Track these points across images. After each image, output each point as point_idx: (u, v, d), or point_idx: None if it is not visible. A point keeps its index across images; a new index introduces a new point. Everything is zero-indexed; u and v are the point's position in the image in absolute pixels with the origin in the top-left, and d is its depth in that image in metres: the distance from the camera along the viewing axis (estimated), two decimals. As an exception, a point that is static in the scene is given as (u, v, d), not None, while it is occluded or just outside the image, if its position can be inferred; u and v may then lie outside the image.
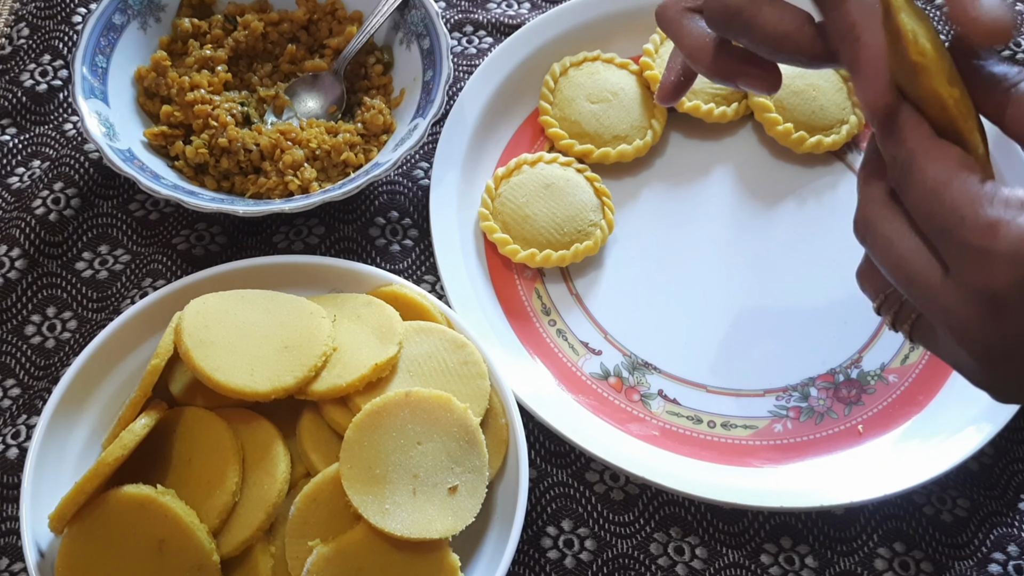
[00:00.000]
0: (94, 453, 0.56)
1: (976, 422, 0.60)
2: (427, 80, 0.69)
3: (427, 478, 0.51)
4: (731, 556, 0.58)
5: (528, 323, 0.66)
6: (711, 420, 0.63)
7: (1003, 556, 0.58)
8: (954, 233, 0.37)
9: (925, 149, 0.38)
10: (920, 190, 0.38)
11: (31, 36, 0.76)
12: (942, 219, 0.37)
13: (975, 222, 0.36)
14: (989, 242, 0.36)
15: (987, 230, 0.36)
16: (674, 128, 0.74)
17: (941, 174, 0.37)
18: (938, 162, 0.38)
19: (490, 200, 0.68)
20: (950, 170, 0.38)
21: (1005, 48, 0.78)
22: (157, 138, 0.68)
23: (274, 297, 0.57)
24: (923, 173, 0.38)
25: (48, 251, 0.67)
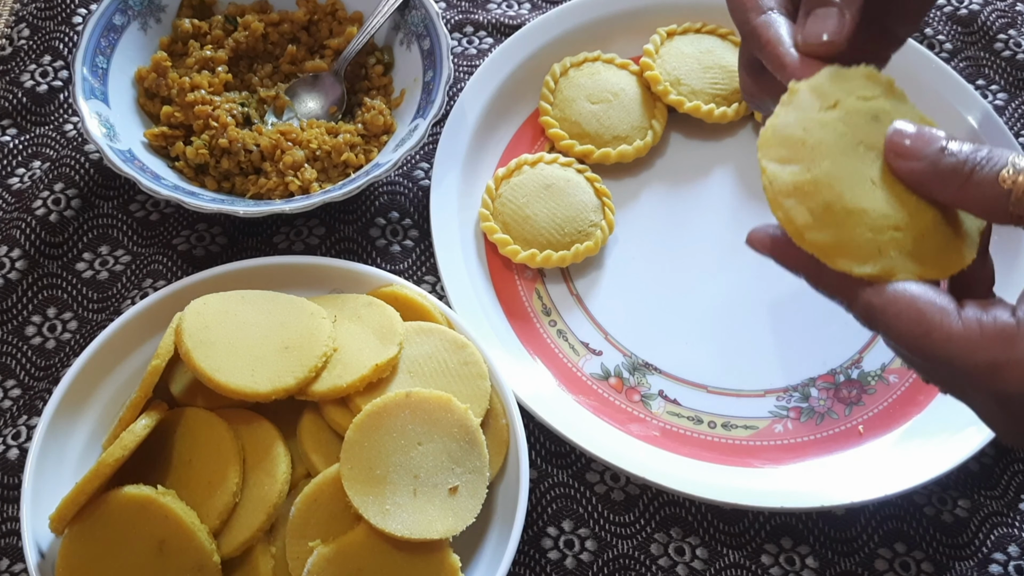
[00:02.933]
0: (94, 454, 0.56)
1: (976, 422, 0.59)
2: (427, 81, 0.69)
3: (428, 479, 0.51)
4: (732, 556, 0.58)
5: (528, 323, 0.66)
6: (711, 420, 0.63)
7: (1004, 556, 0.58)
8: (958, 377, 0.37)
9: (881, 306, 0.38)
10: (903, 344, 0.38)
11: (31, 37, 0.76)
12: (941, 368, 0.38)
13: (975, 370, 0.36)
14: (996, 387, 0.36)
15: (991, 376, 0.36)
16: (674, 128, 0.74)
17: (915, 328, 0.37)
18: (902, 319, 0.37)
19: (490, 200, 0.68)
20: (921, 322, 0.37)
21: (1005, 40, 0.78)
22: (157, 139, 0.68)
23: (274, 298, 0.57)
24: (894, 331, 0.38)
25: (48, 252, 0.67)
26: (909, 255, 0.39)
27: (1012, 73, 0.77)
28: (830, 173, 0.40)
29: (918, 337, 0.37)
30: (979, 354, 0.36)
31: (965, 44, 0.79)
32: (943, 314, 0.37)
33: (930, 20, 0.80)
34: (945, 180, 0.38)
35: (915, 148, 0.39)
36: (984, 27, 0.79)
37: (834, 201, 0.39)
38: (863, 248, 0.39)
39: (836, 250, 0.39)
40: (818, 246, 0.39)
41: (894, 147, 0.40)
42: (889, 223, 0.39)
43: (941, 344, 0.37)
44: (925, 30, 0.79)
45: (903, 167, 0.39)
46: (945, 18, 0.80)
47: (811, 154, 0.40)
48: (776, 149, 0.41)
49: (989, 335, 0.36)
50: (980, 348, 0.36)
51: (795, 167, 0.40)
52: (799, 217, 0.39)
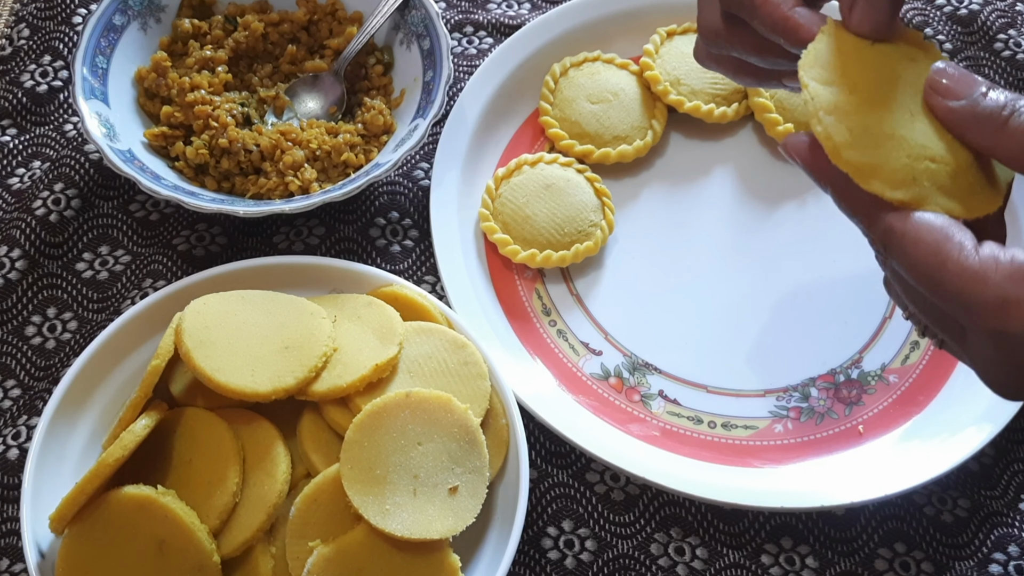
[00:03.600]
0: (94, 454, 0.56)
1: (977, 422, 0.60)
2: (427, 80, 0.69)
3: (427, 478, 0.51)
4: (732, 556, 0.58)
5: (528, 323, 0.66)
6: (711, 420, 0.63)
7: (1004, 556, 0.58)
8: (965, 317, 0.37)
9: (901, 231, 0.38)
10: (915, 274, 0.38)
11: (31, 37, 0.76)
12: (949, 304, 0.37)
13: (983, 306, 0.36)
14: (1002, 324, 0.36)
15: (997, 313, 0.36)
16: (674, 128, 0.74)
17: (931, 257, 0.37)
18: (920, 247, 0.37)
19: (490, 200, 0.68)
20: (938, 252, 0.37)
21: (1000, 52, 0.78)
22: (157, 139, 0.68)
23: (274, 298, 0.57)
24: (910, 258, 0.38)
25: (48, 252, 0.67)
26: (942, 188, 0.39)
27: (1012, 73, 0.77)
28: (871, 99, 0.39)
29: (933, 266, 0.37)
30: (990, 289, 0.35)
31: (965, 44, 0.79)
32: (961, 247, 0.36)
33: (930, 20, 0.80)
34: (981, 124, 0.38)
35: (956, 88, 0.39)
36: (984, 27, 0.79)
37: (873, 124, 0.39)
38: (899, 173, 0.38)
39: (871, 171, 0.39)
40: (854, 165, 0.39)
41: (935, 85, 0.39)
42: (926, 153, 0.39)
43: (954, 275, 0.36)
44: (925, 30, 0.79)
45: (941, 106, 0.39)
46: (945, 18, 0.80)
47: (852, 80, 0.40)
48: (818, 70, 0.40)
49: (1004, 271, 0.36)
50: (992, 283, 0.35)
51: (836, 88, 0.40)
52: (838, 134, 0.39)
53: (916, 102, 0.40)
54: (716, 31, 0.50)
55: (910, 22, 0.80)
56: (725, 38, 0.50)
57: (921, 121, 0.40)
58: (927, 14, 0.80)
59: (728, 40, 0.50)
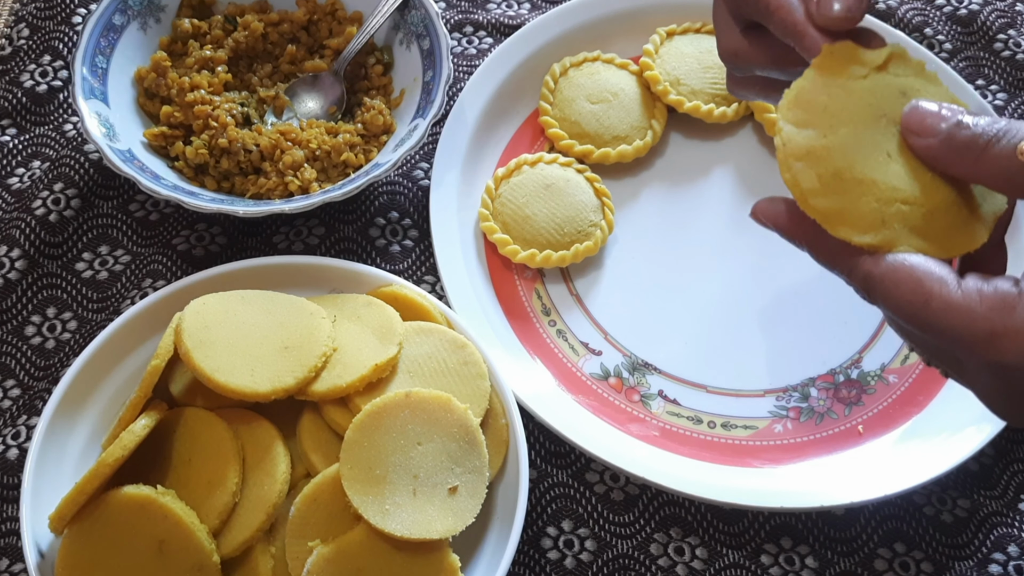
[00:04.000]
0: (94, 454, 0.56)
1: (976, 422, 0.60)
2: (427, 80, 0.69)
3: (427, 478, 0.51)
4: (731, 556, 0.58)
5: (528, 323, 0.66)
6: (711, 420, 0.63)
7: (1003, 556, 0.58)
8: (958, 351, 0.37)
9: (879, 277, 0.38)
10: (901, 316, 0.37)
11: (31, 37, 0.76)
12: (939, 340, 0.37)
13: (973, 340, 0.36)
14: (994, 356, 0.36)
15: (988, 345, 0.35)
16: (674, 128, 0.74)
17: (913, 297, 0.37)
18: (901, 288, 0.37)
19: (490, 200, 0.68)
20: (919, 291, 0.37)
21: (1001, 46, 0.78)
22: (157, 139, 0.68)
23: (274, 298, 0.57)
24: (893, 301, 0.37)
25: (48, 252, 0.67)
26: (914, 230, 0.39)
27: (1012, 73, 0.77)
28: (846, 142, 0.39)
29: (916, 307, 0.37)
30: (978, 323, 0.35)
31: (965, 44, 0.79)
32: (942, 283, 0.36)
33: (930, 20, 0.80)
34: (960, 154, 0.38)
35: (931, 124, 0.39)
36: (984, 27, 0.79)
37: (844, 169, 0.39)
38: (866, 217, 0.38)
39: (838, 217, 0.39)
40: (821, 212, 0.39)
41: (911, 125, 0.39)
42: (898, 196, 0.39)
43: (940, 313, 0.36)
44: (925, 30, 0.79)
45: (919, 144, 0.39)
46: (945, 18, 0.80)
47: (831, 120, 0.40)
48: (796, 112, 0.40)
49: (988, 303, 0.36)
50: (979, 317, 0.35)
51: (811, 131, 0.40)
52: (806, 181, 0.39)
53: (896, 142, 0.40)
54: (736, 52, 0.50)
55: (909, 23, 0.80)
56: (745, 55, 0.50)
57: (897, 162, 0.39)
58: (927, 14, 0.80)
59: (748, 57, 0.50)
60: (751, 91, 0.53)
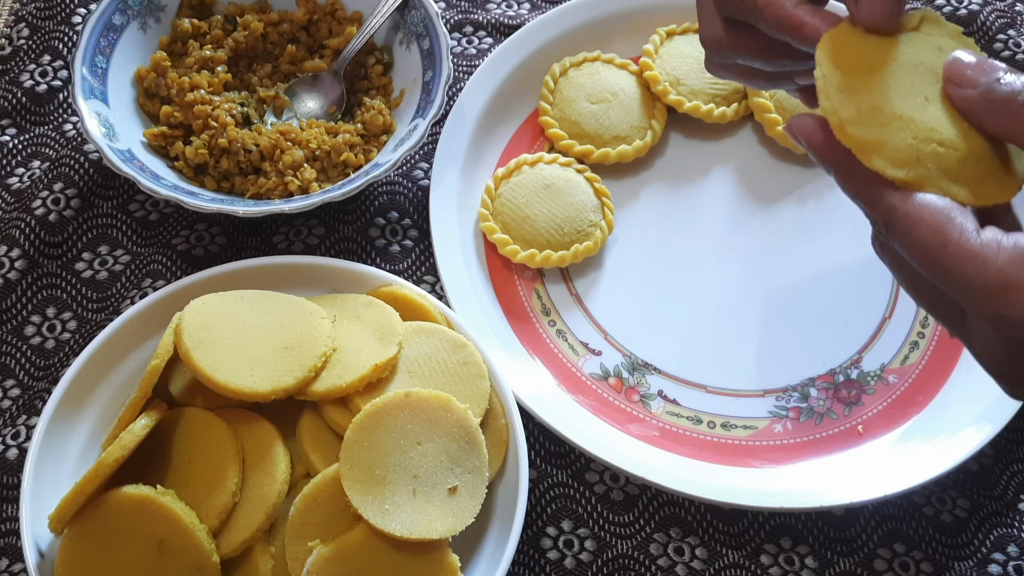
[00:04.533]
0: (94, 453, 0.56)
1: (976, 422, 0.60)
2: (427, 80, 0.69)
3: (427, 478, 0.51)
4: (731, 556, 0.58)
5: (528, 323, 0.66)
6: (711, 420, 0.63)
7: (1003, 557, 0.58)
8: (966, 299, 0.37)
9: (903, 211, 0.37)
10: (916, 255, 0.37)
11: (31, 36, 0.76)
12: (949, 286, 0.37)
13: (984, 289, 0.36)
14: (1002, 308, 0.35)
15: (998, 295, 0.35)
16: (674, 128, 0.74)
17: (933, 238, 0.37)
18: (921, 227, 0.37)
19: (490, 200, 0.68)
20: (940, 233, 0.36)
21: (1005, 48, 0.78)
22: (157, 138, 0.68)
23: (274, 298, 0.57)
24: (911, 238, 0.37)
25: (48, 251, 0.67)
26: (948, 172, 0.39)
27: (1012, 73, 0.77)
28: (885, 80, 0.39)
29: (934, 247, 0.36)
30: (991, 272, 0.35)
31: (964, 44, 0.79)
32: (963, 229, 0.36)
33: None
34: (997, 109, 0.38)
35: (972, 76, 0.39)
36: (984, 27, 0.79)
37: (883, 104, 0.39)
38: (902, 152, 0.38)
39: (875, 148, 0.38)
40: (857, 141, 0.39)
41: (951, 74, 0.39)
42: (935, 137, 0.39)
43: (955, 257, 0.36)
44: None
45: (958, 95, 0.39)
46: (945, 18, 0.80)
47: (871, 62, 0.40)
48: (836, 52, 0.40)
49: (1006, 255, 0.35)
50: (993, 266, 0.35)
51: (851, 70, 0.40)
52: (844, 111, 0.39)
53: (935, 90, 0.40)
54: (718, 41, 0.50)
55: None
56: (727, 46, 0.50)
57: (935, 107, 0.39)
58: (927, 14, 0.80)
59: (730, 48, 0.50)
60: (731, 75, 0.53)
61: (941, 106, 0.40)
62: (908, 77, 0.40)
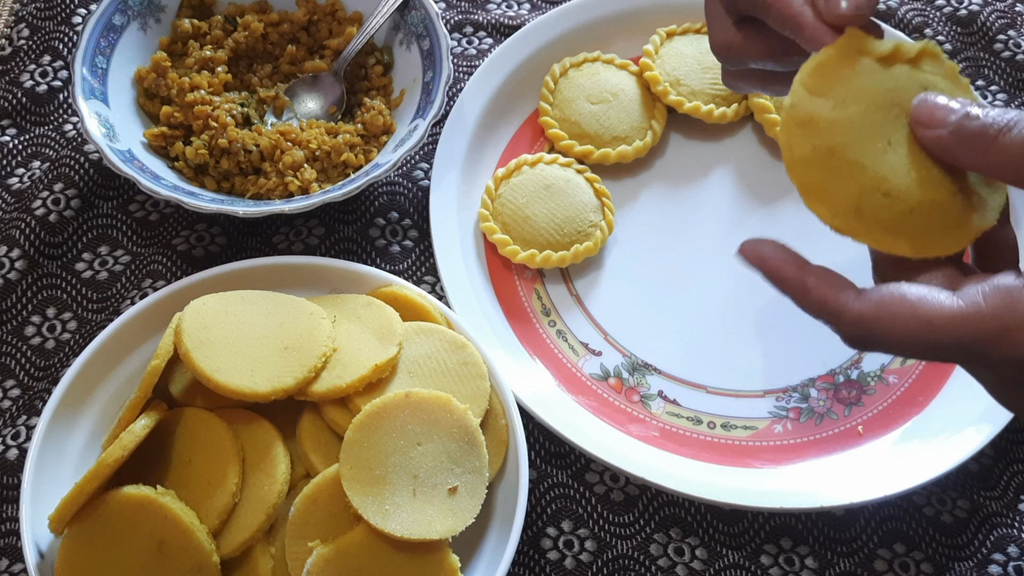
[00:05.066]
0: (94, 454, 0.56)
1: (976, 423, 0.60)
2: (427, 81, 0.69)
3: (427, 479, 0.51)
4: (731, 557, 0.58)
5: (528, 324, 0.66)
6: (711, 421, 0.63)
7: (1003, 557, 0.58)
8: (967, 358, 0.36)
9: (873, 315, 0.37)
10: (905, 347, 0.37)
11: (31, 37, 0.76)
12: (949, 355, 0.37)
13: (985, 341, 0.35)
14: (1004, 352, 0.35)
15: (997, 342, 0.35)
16: (674, 129, 0.74)
17: (914, 323, 0.36)
18: (898, 320, 0.36)
19: (490, 201, 0.68)
20: (918, 317, 0.36)
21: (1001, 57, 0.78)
22: (157, 139, 0.68)
23: (274, 298, 0.57)
24: (894, 336, 0.37)
25: (48, 252, 0.67)
26: (884, 224, 0.39)
27: (1012, 74, 0.77)
28: (852, 120, 0.39)
29: (921, 333, 0.36)
30: (987, 323, 0.35)
31: (965, 44, 0.79)
32: (938, 301, 0.36)
33: (930, 20, 0.80)
34: (970, 144, 0.37)
35: (940, 115, 0.38)
36: (984, 28, 0.79)
37: (840, 147, 0.39)
38: (843, 201, 0.39)
39: (817, 192, 0.39)
40: (803, 182, 0.39)
41: (919, 117, 0.39)
42: (882, 187, 0.38)
43: (946, 330, 0.35)
44: (925, 31, 0.79)
45: (927, 136, 0.38)
46: (945, 18, 0.80)
47: (845, 96, 0.40)
48: (815, 79, 0.40)
49: (992, 301, 0.35)
50: (987, 317, 0.35)
51: (822, 101, 0.39)
52: (799, 148, 0.39)
53: (901, 134, 0.39)
54: (729, 45, 0.50)
55: (909, 23, 0.80)
56: (739, 49, 0.49)
57: (896, 153, 0.39)
58: (927, 14, 0.80)
59: (742, 51, 0.49)
60: (747, 84, 0.53)
61: (905, 151, 0.39)
62: (878, 118, 0.39)
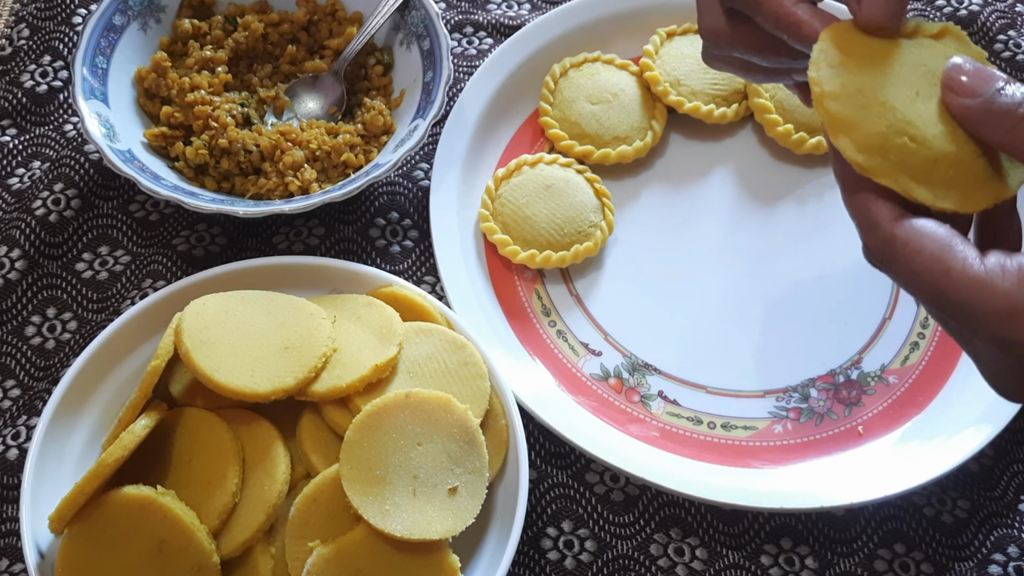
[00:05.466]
0: (94, 454, 0.56)
1: (976, 423, 0.60)
2: (427, 81, 0.69)
3: (427, 479, 0.51)
4: (731, 557, 0.58)
5: (528, 324, 0.66)
6: (711, 421, 0.63)
7: (1003, 557, 0.58)
8: (971, 326, 0.36)
9: (903, 240, 0.37)
10: (917, 284, 0.37)
11: (31, 37, 0.76)
12: (953, 314, 0.36)
13: (991, 315, 0.35)
14: (1010, 332, 0.35)
15: (1006, 321, 0.35)
16: (674, 129, 0.74)
17: (934, 265, 0.36)
18: (922, 256, 0.36)
19: (490, 201, 0.68)
20: (941, 261, 0.36)
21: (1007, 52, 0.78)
22: (157, 139, 0.68)
23: (274, 298, 0.57)
24: (912, 268, 0.37)
25: (48, 252, 0.67)
26: (908, 169, 0.38)
27: (1012, 74, 0.77)
28: (881, 68, 0.39)
29: (936, 275, 0.36)
30: (998, 297, 0.35)
31: (965, 45, 0.79)
32: (965, 256, 0.36)
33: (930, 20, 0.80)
34: (997, 120, 0.37)
35: (971, 85, 0.38)
36: (984, 28, 0.79)
37: (869, 87, 0.39)
38: (870, 137, 0.38)
39: (844, 126, 0.39)
40: (831, 115, 0.39)
41: (950, 82, 0.39)
42: (909, 131, 0.38)
43: (959, 284, 0.35)
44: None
45: (956, 103, 0.38)
46: (945, 18, 0.80)
47: (873, 51, 0.40)
48: (841, 35, 0.40)
49: (1011, 279, 0.35)
50: (1000, 292, 0.35)
51: (850, 54, 0.40)
52: (829, 84, 0.39)
53: (930, 91, 0.39)
54: (717, 32, 0.50)
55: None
56: (727, 38, 0.50)
57: (925, 104, 0.39)
58: (927, 14, 0.80)
59: (730, 40, 0.50)
60: (729, 68, 0.53)
61: (934, 105, 0.39)
62: (906, 72, 0.40)
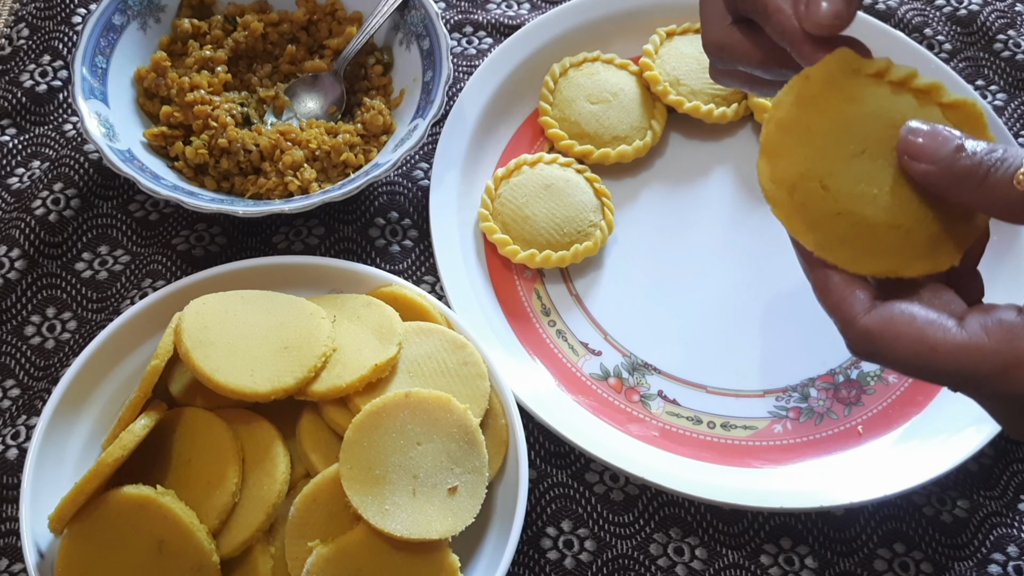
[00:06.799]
0: (94, 454, 0.56)
1: (976, 423, 0.60)
2: (427, 81, 0.69)
3: (427, 479, 0.51)
4: (731, 557, 0.58)
5: (528, 324, 0.66)
6: (711, 421, 0.63)
7: (1003, 557, 0.58)
8: (968, 389, 0.37)
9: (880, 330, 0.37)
10: (907, 369, 0.37)
11: (31, 37, 0.76)
12: (949, 382, 0.37)
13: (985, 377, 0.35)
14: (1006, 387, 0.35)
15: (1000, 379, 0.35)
16: (674, 129, 0.74)
17: (918, 346, 0.36)
18: (903, 340, 0.37)
19: (490, 201, 0.68)
20: (923, 340, 0.36)
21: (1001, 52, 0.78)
22: (157, 139, 0.68)
23: (274, 298, 0.57)
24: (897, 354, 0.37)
25: (48, 252, 0.67)
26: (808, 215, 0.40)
27: (1011, 73, 0.77)
28: (841, 117, 0.39)
29: (924, 357, 0.36)
30: (988, 359, 0.35)
31: (964, 44, 0.79)
32: (944, 328, 0.36)
33: (930, 20, 0.80)
34: (961, 182, 0.37)
35: (929, 149, 0.38)
36: (983, 27, 0.79)
37: (816, 129, 0.39)
38: (785, 171, 0.40)
39: (770, 153, 0.41)
40: (766, 137, 0.41)
41: (907, 148, 0.38)
42: (825, 180, 0.39)
43: (948, 359, 0.36)
44: (924, 30, 0.80)
45: (917, 169, 0.38)
46: (944, 18, 0.80)
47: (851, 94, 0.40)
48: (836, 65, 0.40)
49: (996, 337, 0.35)
50: (989, 352, 0.35)
51: (810, 109, 0.40)
52: (784, 111, 0.40)
53: (878, 150, 0.39)
54: (721, 46, 0.50)
55: (909, 23, 0.80)
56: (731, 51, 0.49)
57: (866, 163, 0.39)
58: (927, 14, 0.80)
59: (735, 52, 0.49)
60: (734, 82, 0.53)
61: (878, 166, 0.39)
62: (866, 125, 0.39)
